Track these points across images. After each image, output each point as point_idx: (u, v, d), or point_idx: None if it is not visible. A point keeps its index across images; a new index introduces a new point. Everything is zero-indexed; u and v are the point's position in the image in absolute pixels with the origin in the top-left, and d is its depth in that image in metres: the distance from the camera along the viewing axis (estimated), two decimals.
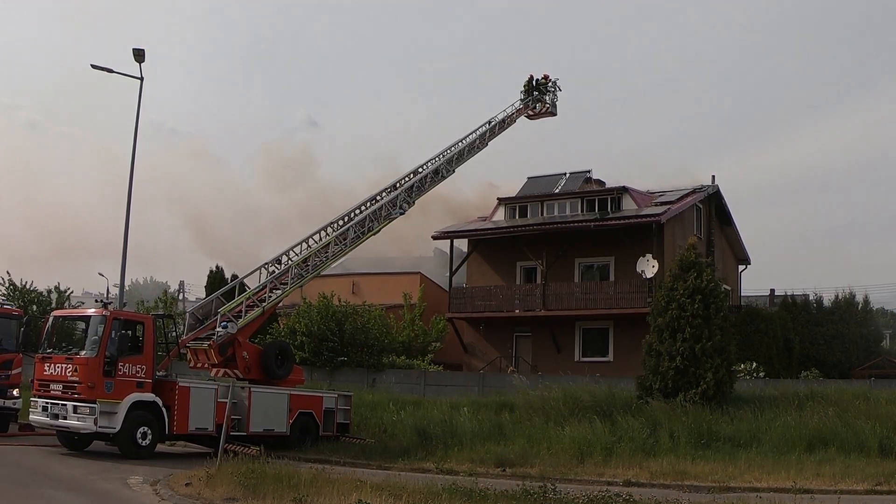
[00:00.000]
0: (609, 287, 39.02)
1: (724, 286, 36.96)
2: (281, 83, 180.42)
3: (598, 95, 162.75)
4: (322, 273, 28.17)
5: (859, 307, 44.60)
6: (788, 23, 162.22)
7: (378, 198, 29.93)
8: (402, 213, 29.90)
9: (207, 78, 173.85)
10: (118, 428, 20.43)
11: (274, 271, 26.37)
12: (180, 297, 62.39)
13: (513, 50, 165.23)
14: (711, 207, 43.90)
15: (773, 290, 54.66)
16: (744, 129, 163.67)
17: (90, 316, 21.42)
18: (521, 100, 39.57)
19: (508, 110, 38.24)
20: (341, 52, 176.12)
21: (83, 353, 20.72)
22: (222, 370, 24.07)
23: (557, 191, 44.57)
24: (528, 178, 49.38)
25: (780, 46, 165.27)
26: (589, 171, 46.61)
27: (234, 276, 36.34)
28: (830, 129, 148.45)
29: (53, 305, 43.10)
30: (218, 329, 23.86)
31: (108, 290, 61.13)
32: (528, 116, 40.27)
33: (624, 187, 41.60)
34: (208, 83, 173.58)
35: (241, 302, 24.96)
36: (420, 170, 31.77)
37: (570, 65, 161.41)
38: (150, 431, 20.99)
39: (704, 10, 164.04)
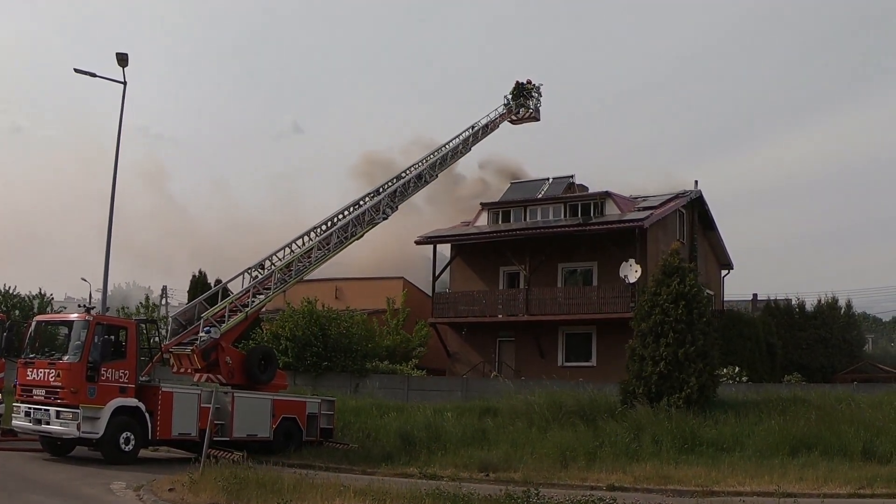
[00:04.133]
0: (592, 292, 39.09)
1: (707, 291, 37.07)
2: (267, 89, 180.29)
3: (581, 101, 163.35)
4: (305, 278, 28.11)
5: (842, 312, 44.96)
6: (773, 28, 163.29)
7: (361, 202, 29.87)
8: (385, 219, 29.80)
9: (193, 83, 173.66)
10: (101, 433, 20.29)
11: (257, 276, 26.28)
12: (163, 301, 62.14)
13: (497, 56, 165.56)
14: (694, 212, 44.03)
15: (755, 295, 55.09)
16: (727, 135, 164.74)
17: (73, 321, 21.25)
18: (504, 105, 39.64)
19: (492, 115, 38.30)
20: (327, 58, 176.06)
21: (66, 357, 20.57)
22: (205, 375, 23.90)
23: (540, 196, 44.66)
24: (512, 182, 49.58)
25: (764, 52, 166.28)
26: (572, 177, 46.73)
27: (218, 281, 36.23)
28: (814, 136, 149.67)
29: (36, 310, 42.89)
30: (201, 334, 23.74)
31: (90, 294, 60.93)
32: (512, 121, 40.33)
33: (607, 192, 41.66)
34: (194, 88, 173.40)
35: (225, 307, 24.85)
36: (403, 174, 31.75)
37: (554, 70, 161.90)
38: (133, 437, 20.87)
39: (689, 15, 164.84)
